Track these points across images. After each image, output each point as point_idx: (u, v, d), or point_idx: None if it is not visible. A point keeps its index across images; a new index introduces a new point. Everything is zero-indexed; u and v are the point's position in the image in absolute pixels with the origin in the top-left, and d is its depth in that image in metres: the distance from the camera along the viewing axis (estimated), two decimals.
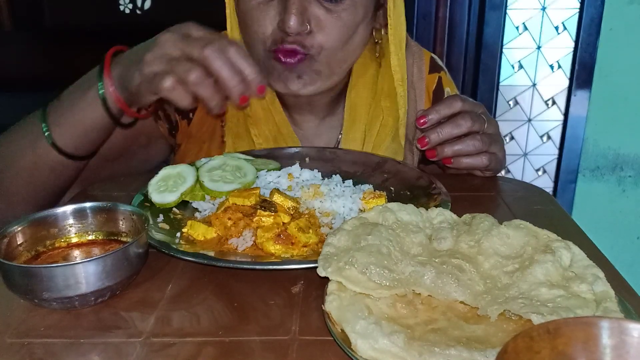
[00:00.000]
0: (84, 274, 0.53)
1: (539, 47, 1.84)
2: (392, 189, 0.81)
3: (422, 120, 0.83)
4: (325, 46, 0.84)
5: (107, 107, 0.77)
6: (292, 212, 0.69)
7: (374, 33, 0.94)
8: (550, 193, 1.64)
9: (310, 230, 0.65)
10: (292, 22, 0.79)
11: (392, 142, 0.97)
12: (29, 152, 0.81)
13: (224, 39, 0.70)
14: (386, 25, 0.93)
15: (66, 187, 0.87)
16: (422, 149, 0.84)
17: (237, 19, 0.91)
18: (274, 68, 0.86)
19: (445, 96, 1.02)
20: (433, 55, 1.06)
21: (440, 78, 1.04)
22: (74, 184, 0.88)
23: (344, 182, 0.80)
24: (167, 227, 0.69)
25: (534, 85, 1.88)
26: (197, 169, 0.78)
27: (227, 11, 0.93)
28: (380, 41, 0.96)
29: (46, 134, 0.79)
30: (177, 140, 1.01)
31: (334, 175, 0.83)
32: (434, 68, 1.04)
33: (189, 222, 0.68)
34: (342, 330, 0.48)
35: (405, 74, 0.95)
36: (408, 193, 0.79)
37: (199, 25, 0.73)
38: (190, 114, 0.98)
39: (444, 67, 1.06)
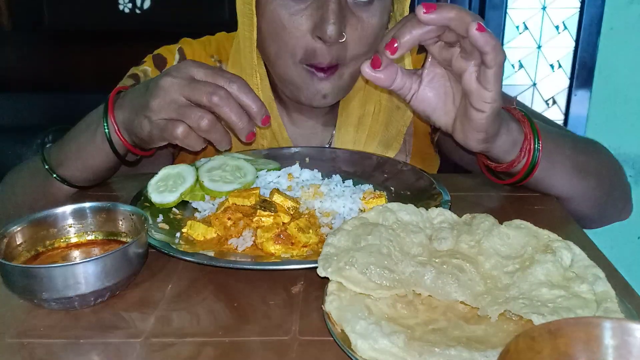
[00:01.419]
0: (84, 274, 0.53)
1: (539, 47, 1.84)
2: (392, 189, 0.81)
3: (394, 46, 0.64)
4: (355, 54, 0.86)
5: (115, 149, 0.79)
6: (292, 212, 0.69)
7: None
8: None
9: (310, 230, 0.65)
10: (332, 31, 0.80)
11: (385, 133, 0.98)
12: (41, 195, 0.85)
13: (225, 76, 0.71)
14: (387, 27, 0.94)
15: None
16: (392, 56, 0.65)
17: (253, 26, 0.88)
18: (303, 80, 0.87)
19: None
20: None
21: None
22: None
23: (344, 182, 0.80)
24: (166, 227, 0.69)
25: (534, 84, 1.88)
26: (197, 169, 0.78)
27: (243, 20, 0.89)
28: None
29: (54, 176, 0.82)
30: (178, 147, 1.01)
31: (334, 175, 0.83)
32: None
33: (189, 222, 0.68)
34: (342, 331, 0.48)
35: None
36: (408, 193, 0.79)
37: (198, 64, 0.73)
38: None
39: None
